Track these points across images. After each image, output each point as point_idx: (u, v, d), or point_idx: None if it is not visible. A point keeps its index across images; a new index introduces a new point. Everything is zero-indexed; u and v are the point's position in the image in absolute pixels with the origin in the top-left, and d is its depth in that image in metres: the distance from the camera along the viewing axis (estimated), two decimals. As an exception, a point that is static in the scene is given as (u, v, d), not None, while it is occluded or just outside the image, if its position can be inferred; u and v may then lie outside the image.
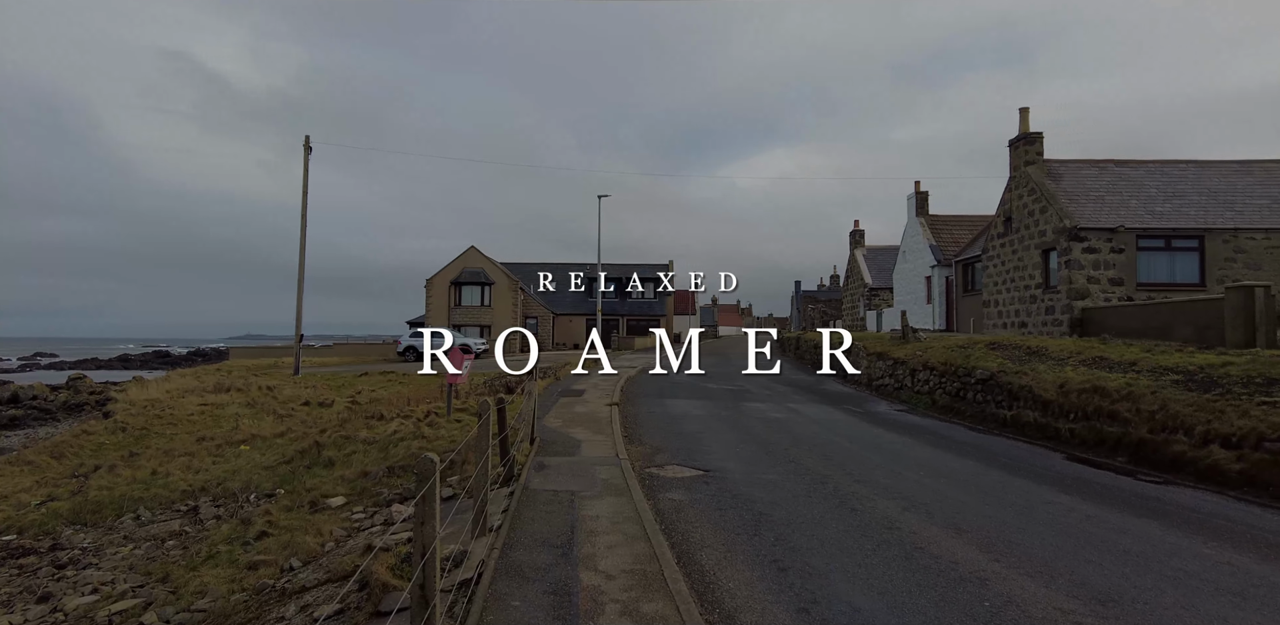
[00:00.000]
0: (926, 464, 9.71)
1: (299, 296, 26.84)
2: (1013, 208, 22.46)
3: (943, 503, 7.56)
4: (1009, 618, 4.58)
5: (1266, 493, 7.87)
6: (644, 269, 57.27)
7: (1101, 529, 6.62)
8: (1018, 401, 13.02)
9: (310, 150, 26.59)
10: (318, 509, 9.87)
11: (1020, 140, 22.05)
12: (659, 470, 9.24)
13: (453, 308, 45.97)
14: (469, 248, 46.57)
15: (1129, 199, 20.10)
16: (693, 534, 6.47)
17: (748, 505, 7.45)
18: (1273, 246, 18.86)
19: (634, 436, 11.82)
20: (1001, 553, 5.89)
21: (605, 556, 5.68)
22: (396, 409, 16.65)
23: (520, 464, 8.90)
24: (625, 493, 7.65)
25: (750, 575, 5.41)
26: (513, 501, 7.18)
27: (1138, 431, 10.07)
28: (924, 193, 34.08)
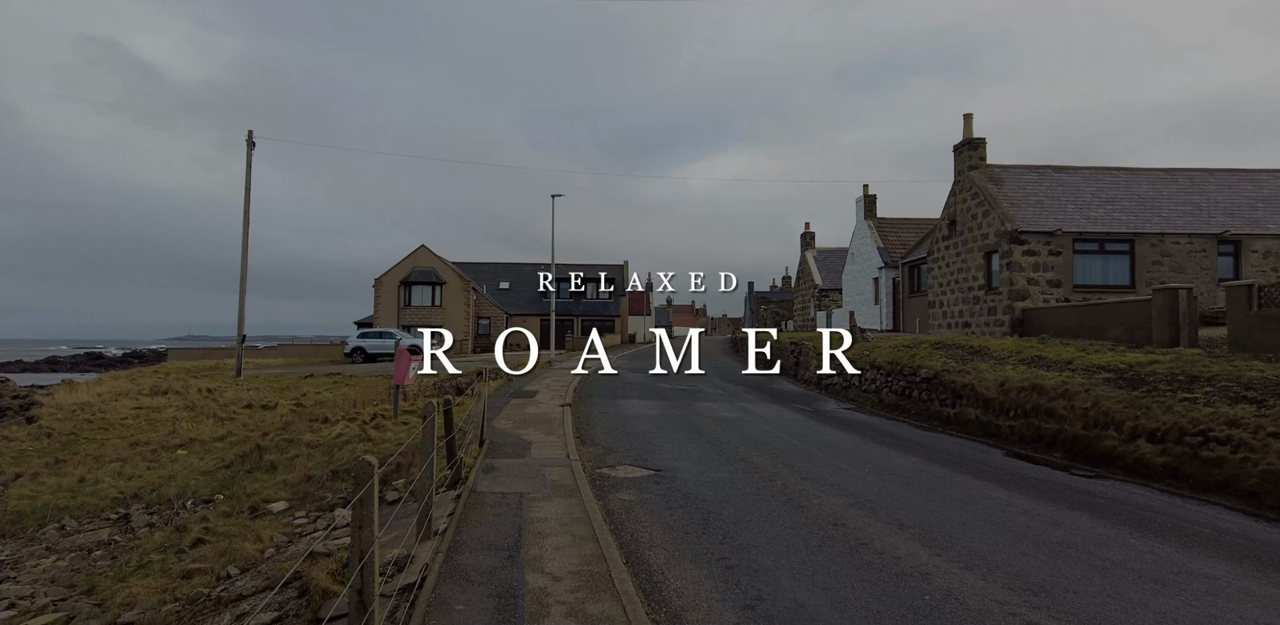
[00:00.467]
0: (872, 461, 9.90)
1: (241, 296, 26.01)
2: (957, 211, 23.10)
3: (887, 499, 7.71)
4: (947, 610, 4.69)
5: (1187, 484, 8.24)
6: (599, 269, 57.15)
7: (1037, 522, 6.84)
8: (960, 400, 13.38)
9: (253, 145, 25.80)
10: (258, 514, 9.57)
11: (964, 145, 22.69)
12: (610, 470, 9.21)
13: (402, 308, 45.15)
14: (419, 247, 45.81)
15: (1066, 204, 20.87)
16: (642, 534, 6.46)
17: (697, 504, 7.48)
18: (1195, 251, 19.80)
19: (586, 437, 11.77)
20: (942, 547, 6.03)
21: (553, 558, 5.63)
22: (342, 411, 16.26)
23: (468, 466, 8.77)
24: (575, 494, 7.61)
25: (698, 574, 5.43)
26: (459, 504, 7.06)
27: (1072, 428, 10.45)
28: (872, 196, 34.81)
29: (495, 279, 55.27)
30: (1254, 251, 19.94)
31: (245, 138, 25.81)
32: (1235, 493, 7.72)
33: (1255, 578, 5.33)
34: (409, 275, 45.15)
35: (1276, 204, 21.16)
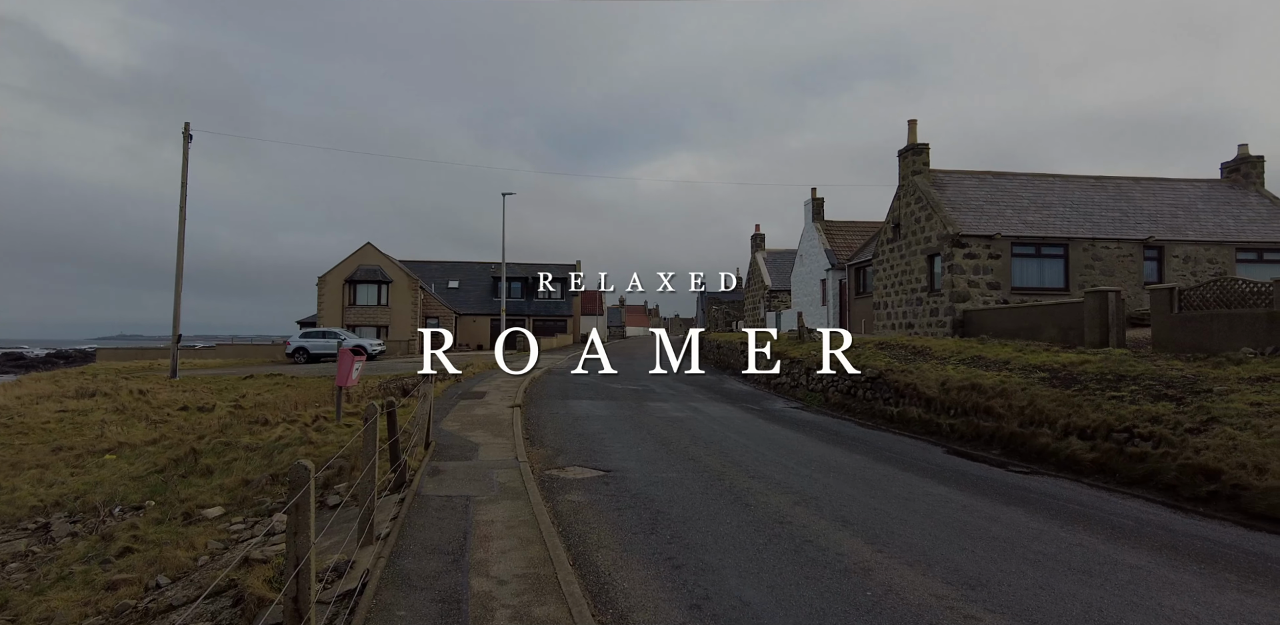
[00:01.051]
0: (818, 459, 10.07)
1: (177, 294, 25.03)
2: (901, 215, 23.68)
3: (832, 496, 7.85)
4: (888, 606, 4.79)
5: (1114, 479, 8.61)
6: (551, 269, 56.81)
7: (975, 517, 7.04)
8: (903, 398, 13.71)
9: (190, 138, 24.85)
10: (192, 521, 9.21)
11: (909, 151, 23.28)
12: (560, 472, 9.15)
13: (347, 307, 44.09)
14: (364, 244, 44.81)
15: (1005, 208, 21.60)
16: (590, 535, 6.43)
17: (646, 504, 7.49)
18: (1123, 255, 20.73)
19: (536, 438, 11.67)
20: (884, 543, 6.16)
21: (498, 561, 5.55)
22: (283, 413, 15.78)
23: (413, 469, 8.60)
24: (523, 496, 7.53)
25: (645, 574, 5.43)
26: (403, 508, 6.92)
27: (1009, 426, 10.81)
28: (820, 199, 35.44)
29: (444, 278, 54.42)
30: (1175, 256, 20.97)
31: (176, 129, 24.84)
32: (1157, 486, 8.09)
33: (1173, 567, 5.59)
34: (354, 273, 44.12)
35: (1194, 212, 22.30)
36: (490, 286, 53.18)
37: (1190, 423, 8.58)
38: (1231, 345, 12.22)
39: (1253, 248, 21.30)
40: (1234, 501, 7.22)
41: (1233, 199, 23.10)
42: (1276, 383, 9.41)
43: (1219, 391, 9.42)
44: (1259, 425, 7.96)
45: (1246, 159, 24.22)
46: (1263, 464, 7.25)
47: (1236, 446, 7.68)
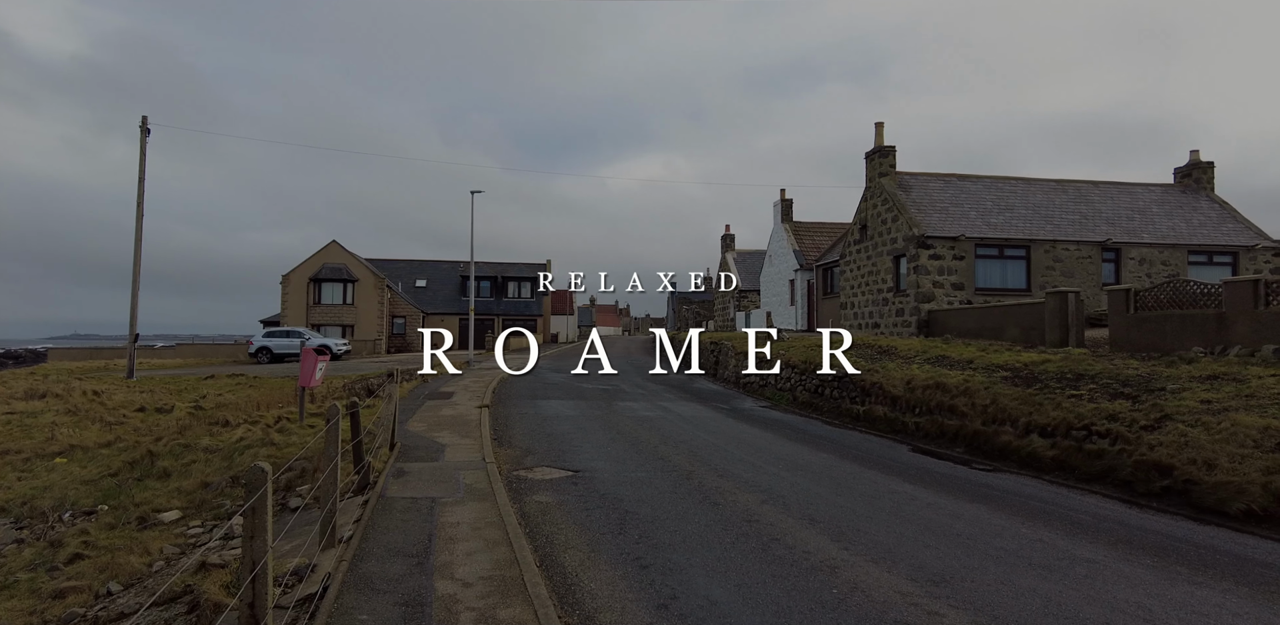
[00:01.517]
0: (786, 458, 10.13)
1: (134, 292, 24.35)
2: (868, 216, 23.97)
3: (799, 495, 7.90)
4: (854, 603, 4.83)
5: (1073, 475, 8.80)
6: (520, 268, 56.44)
7: (939, 515, 7.14)
8: (869, 397, 13.87)
9: (148, 131, 24.19)
10: (148, 525, 8.95)
11: (875, 153, 23.57)
12: (527, 472, 9.08)
13: (311, 306, 43.32)
14: (330, 242, 44.06)
15: (969, 211, 21.99)
16: (558, 536, 6.38)
17: (615, 504, 7.46)
18: (1082, 257, 21.24)
19: (503, 439, 11.57)
20: (850, 541, 6.21)
21: (464, 564, 5.48)
22: (244, 414, 15.44)
23: (378, 471, 8.46)
24: (489, 497, 7.45)
25: (612, 574, 5.40)
26: (366, 510, 6.80)
27: (973, 424, 10.99)
28: (788, 200, 35.74)
29: (411, 277, 53.74)
30: (1131, 259, 21.55)
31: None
32: (1113, 482, 8.29)
33: (1128, 560, 5.72)
34: (319, 272, 43.35)
35: (1149, 216, 22.94)
36: (458, 286, 52.64)
37: (1145, 420, 8.80)
38: (1184, 345, 12.58)
39: (1203, 250, 21.97)
40: (1185, 496, 7.42)
41: (1185, 203, 23.81)
42: (1225, 381, 9.71)
43: (1172, 390, 9.68)
44: (1208, 422, 8.20)
45: (1198, 165, 24.98)
46: (1212, 460, 7.46)
47: (1188, 443, 7.90)
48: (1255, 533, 6.53)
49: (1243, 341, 11.63)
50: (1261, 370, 10.04)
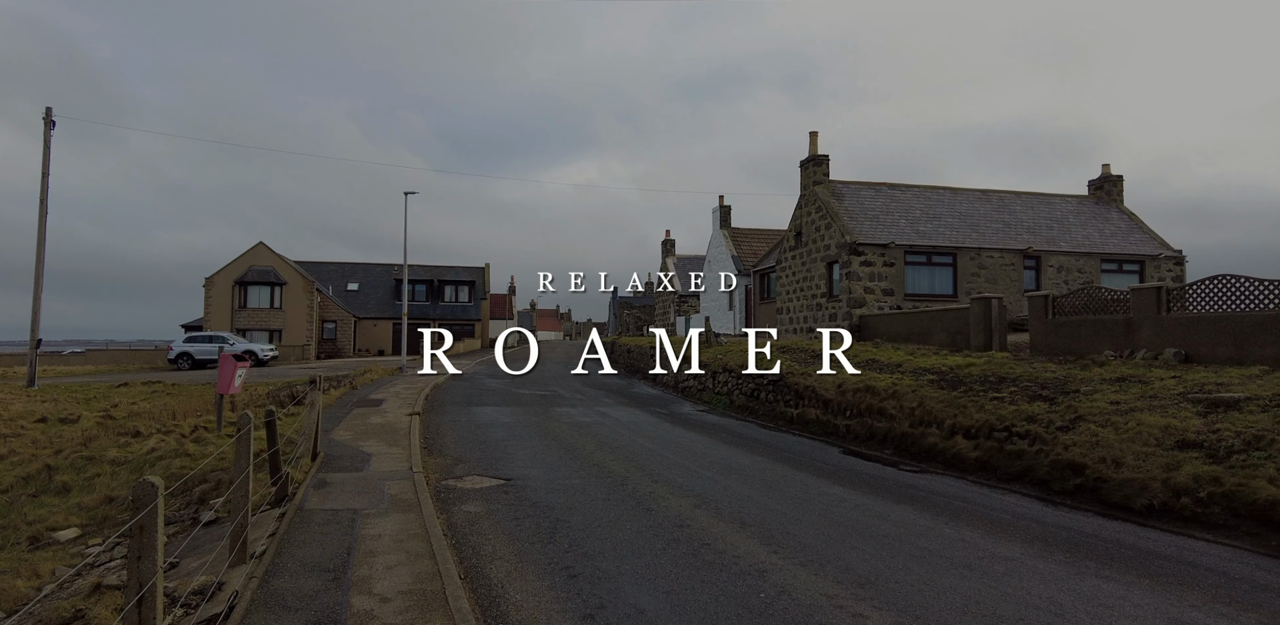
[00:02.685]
0: (721, 461, 10.16)
1: (36, 293, 22.85)
2: (803, 223, 24.44)
3: (731, 498, 7.91)
4: (780, 607, 4.83)
5: (995, 475, 9.09)
6: (458, 271, 55.44)
7: (866, 516, 7.25)
8: (803, 400, 14.08)
9: (53, 124, 22.80)
10: (40, 545, 8.35)
11: (810, 162, 24.06)
12: (457, 482, 8.84)
13: (237, 310, 41.57)
14: (256, 244, 42.40)
15: (899, 218, 22.65)
16: (485, 547, 6.21)
17: (546, 513, 7.32)
18: (1005, 264, 22.12)
19: (434, 447, 11.26)
20: (780, 544, 6.24)
21: (383, 578, 5.26)
22: (159, 424, 14.64)
23: (297, 482, 8.10)
24: (415, 508, 7.21)
25: (539, 585, 5.27)
26: (283, 523, 6.48)
27: (901, 426, 11.25)
28: (727, 207, 36.19)
29: (342, 280, 52.17)
30: (1050, 266, 22.56)
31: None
32: (1032, 481, 8.59)
33: (1043, 557, 5.91)
34: (245, 274, 41.65)
35: (1067, 225, 24.10)
36: (392, 289, 51.35)
37: (1061, 421, 9.17)
38: (1097, 348, 13.20)
39: (1115, 259, 23.19)
40: (1096, 493, 7.74)
41: (1098, 214, 25.10)
42: (1132, 383, 10.21)
43: (1085, 392, 10.12)
44: (1117, 422, 8.59)
45: (1109, 178, 26.39)
46: (1119, 458, 7.81)
47: (1099, 442, 8.26)
48: (1156, 526, 6.85)
49: (1148, 345, 12.27)
50: (1164, 372, 10.60)
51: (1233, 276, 11.35)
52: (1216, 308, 11.55)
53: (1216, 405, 8.49)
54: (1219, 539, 6.45)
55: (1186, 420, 8.22)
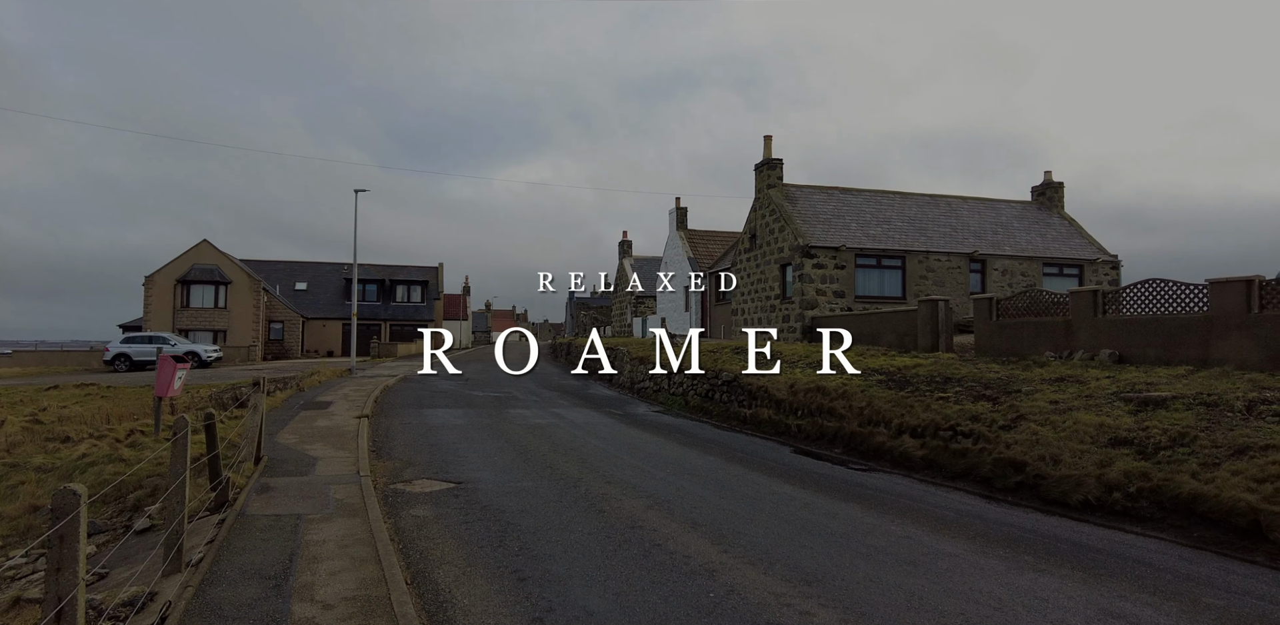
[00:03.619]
0: (674, 462, 10.19)
1: (-41, 293, 21.69)
2: (757, 226, 24.72)
3: (684, 499, 7.94)
4: (729, 606, 4.86)
5: (940, 473, 9.32)
6: (410, 271, 54.53)
7: (816, 515, 7.35)
8: (756, 401, 14.22)
9: (-20, 114, 21.65)
10: (-41, 557, 7.90)
11: (764, 165, 24.35)
12: (406, 486, 8.68)
13: (179, 309, 40.17)
14: (200, 241, 41.07)
15: (850, 222, 23.07)
16: (433, 551, 6.11)
17: (496, 516, 7.24)
18: (952, 267, 22.72)
19: (383, 451, 11.04)
20: (730, 544, 6.28)
21: (326, 584, 5.13)
22: (91, 428, 14.03)
23: (239, 487, 7.85)
24: (361, 512, 7.05)
25: (488, 589, 5.20)
26: (222, 530, 6.27)
27: (850, 425, 11.46)
28: (683, 209, 36.39)
29: (290, 279, 50.84)
30: (995, 269, 23.25)
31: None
32: (975, 479, 8.83)
33: (984, 553, 6.08)
34: (188, 273, 40.28)
35: (1011, 230, 24.87)
36: (342, 289, 50.23)
37: (1003, 420, 9.45)
38: (1038, 349, 13.65)
39: (1055, 263, 24.02)
40: (1035, 490, 7.99)
41: (1040, 219, 25.98)
42: (1070, 383, 10.58)
43: (1026, 391, 10.45)
44: (1055, 421, 8.89)
45: (1050, 184, 27.33)
46: (1057, 456, 8.09)
47: (1038, 441, 8.53)
48: (1090, 521, 7.11)
49: (1085, 346, 12.74)
50: (1099, 373, 11.02)
51: (1162, 281, 11.85)
52: (1147, 311, 12.05)
53: (1146, 404, 8.85)
54: (1146, 532, 6.73)
55: (1119, 418, 8.55)
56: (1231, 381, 9.40)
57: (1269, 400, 8.24)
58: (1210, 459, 7.13)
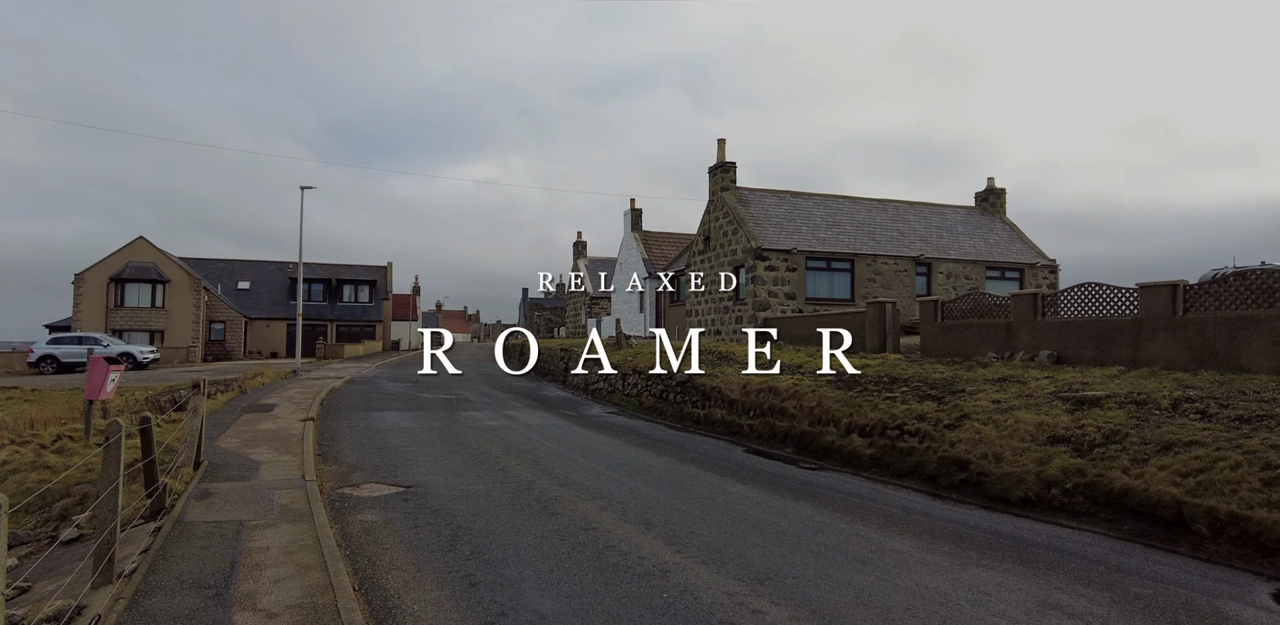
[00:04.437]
0: (628, 463, 10.19)
1: None
2: (711, 228, 24.92)
3: (638, 499, 7.95)
4: (682, 606, 4.88)
5: (888, 472, 9.53)
6: (358, 270, 53.36)
7: (768, 513, 7.44)
8: (709, 401, 14.33)
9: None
10: None
11: (718, 168, 24.57)
12: (353, 490, 8.48)
13: (113, 309, 38.51)
14: (136, 238, 39.44)
15: (801, 225, 23.45)
16: (381, 557, 5.98)
17: (447, 520, 7.12)
18: (899, 270, 23.29)
19: (329, 454, 10.77)
20: (684, 544, 6.31)
21: (270, 592, 4.97)
22: (13, 433, 13.30)
23: (177, 493, 7.56)
24: (306, 518, 6.86)
25: (438, 594, 5.12)
26: (158, 538, 6.02)
27: (801, 425, 11.63)
28: (638, 210, 36.48)
29: (232, 278, 49.26)
30: (940, 273, 23.92)
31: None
32: (921, 477, 9.05)
33: (930, 549, 6.24)
34: (122, 271, 38.63)
35: (955, 234, 25.62)
36: (287, 288, 48.84)
37: (948, 419, 9.71)
38: (981, 350, 14.08)
39: (997, 266, 24.83)
40: (979, 487, 8.24)
41: (984, 224, 26.82)
42: (1011, 383, 10.94)
43: (970, 391, 10.77)
44: (998, 420, 9.18)
45: (993, 190, 28.25)
46: (999, 453, 8.35)
47: (981, 439, 8.80)
48: (1030, 516, 7.37)
49: (1025, 347, 13.19)
50: (1039, 373, 11.42)
51: (1096, 284, 12.36)
52: (1083, 313, 12.54)
53: (1082, 403, 9.21)
54: (1082, 526, 7.00)
55: (1057, 417, 8.88)
56: (1159, 381, 9.85)
57: (1192, 399, 8.66)
58: (1140, 455, 7.46)
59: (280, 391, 19.03)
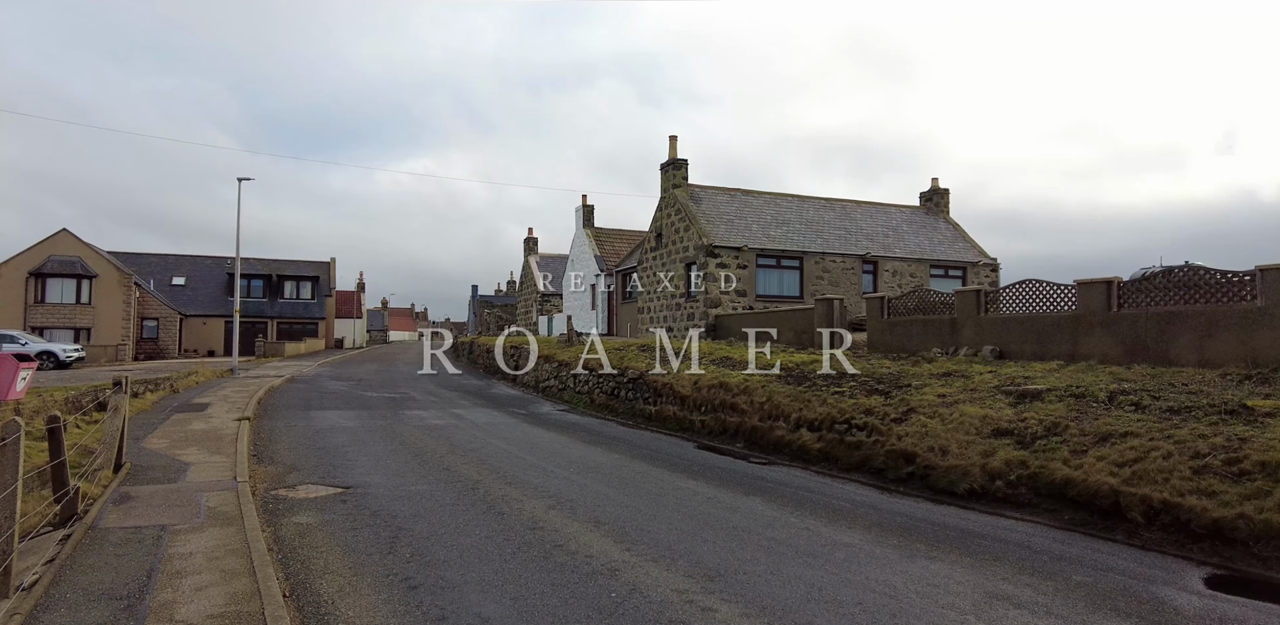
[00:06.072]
0: (578, 460, 10.01)
1: None
2: (663, 225, 24.87)
3: (587, 497, 7.78)
4: (631, 605, 4.74)
5: (836, 465, 9.57)
6: (300, 266, 51.76)
7: (718, 509, 7.36)
8: (661, 398, 14.24)
9: None
10: None
11: (670, 165, 24.53)
12: (289, 491, 8.10)
13: (32, 305, 36.46)
14: (59, 231, 37.42)
15: (751, 223, 23.57)
16: (315, 561, 5.68)
17: (387, 521, 6.84)
18: (847, 268, 23.62)
19: (265, 455, 10.30)
20: (634, 541, 6.17)
21: (190, 601, 4.65)
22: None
23: (93, 497, 7.08)
24: (236, 521, 6.49)
25: (375, 599, 4.86)
26: (65, 547, 5.60)
27: (751, 420, 11.62)
28: (590, 206, 36.22)
29: (166, 273, 47.22)
30: (886, 270, 24.35)
31: None
32: (869, 470, 9.12)
33: (879, 542, 6.24)
34: (44, 265, 36.60)
35: (901, 233, 26.12)
36: (224, 284, 47.04)
37: (895, 414, 9.81)
38: (926, 346, 14.32)
39: (941, 265, 25.41)
40: (926, 480, 8.32)
41: (928, 224, 27.41)
42: (956, 377, 11.13)
43: (916, 386, 10.90)
44: (943, 414, 9.31)
45: (937, 191, 28.91)
46: (945, 447, 8.45)
47: (928, 433, 8.90)
48: (976, 508, 7.46)
49: (969, 343, 13.46)
50: (982, 367, 11.65)
51: (1037, 281, 12.68)
52: (1024, 309, 12.86)
53: (1024, 396, 9.40)
54: (1025, 516, 7.12)
55: (1001, 410, 9.03)
56: (1096, 374, 10.14)
57: (1126, 391, 8.91)
58: (1079, 446, 7.63)
59: (216, 391, 18.24)
